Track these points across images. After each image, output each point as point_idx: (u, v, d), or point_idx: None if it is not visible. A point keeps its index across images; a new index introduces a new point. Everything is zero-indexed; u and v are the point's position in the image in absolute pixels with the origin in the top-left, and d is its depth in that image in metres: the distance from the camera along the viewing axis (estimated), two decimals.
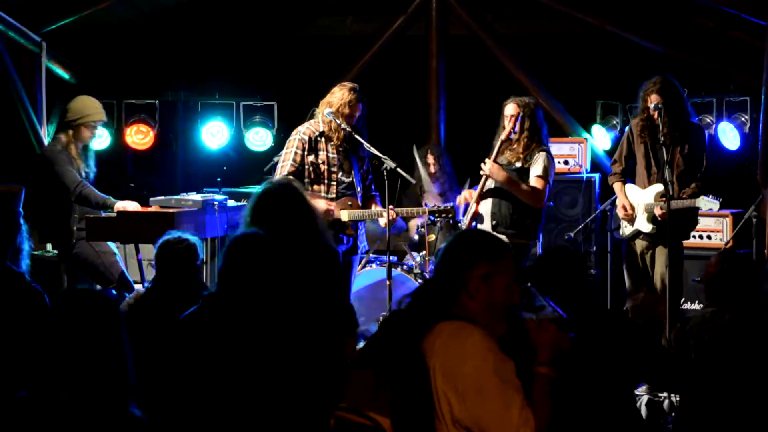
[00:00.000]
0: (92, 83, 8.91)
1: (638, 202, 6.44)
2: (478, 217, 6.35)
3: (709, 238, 7.85)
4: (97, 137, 6.87)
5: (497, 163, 6.31)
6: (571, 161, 8.49)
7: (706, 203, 6.15)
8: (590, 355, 3.86)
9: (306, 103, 7.15)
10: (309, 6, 9.65)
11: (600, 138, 8.97)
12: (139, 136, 8.83)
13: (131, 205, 6.50)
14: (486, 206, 6.33)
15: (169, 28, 8.96)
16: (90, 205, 6.48)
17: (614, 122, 9.01)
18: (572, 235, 7.64)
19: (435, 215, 6.47)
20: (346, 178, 6.20)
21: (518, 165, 6.29)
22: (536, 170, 6.26)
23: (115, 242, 6.71)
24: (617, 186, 6.58)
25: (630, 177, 6.59)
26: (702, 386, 4.12)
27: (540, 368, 2.96)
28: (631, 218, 6.44)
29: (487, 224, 6.28)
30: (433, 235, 7.59)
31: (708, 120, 8.30)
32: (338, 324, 4.19)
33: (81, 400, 2.94)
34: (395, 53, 9.44)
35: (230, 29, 9.53)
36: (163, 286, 4.94)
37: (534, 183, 6.25)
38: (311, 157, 6.12)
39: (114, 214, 6.39)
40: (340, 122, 6.09)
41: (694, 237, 7.41)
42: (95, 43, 8.89)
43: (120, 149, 8.97)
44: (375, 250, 7.63)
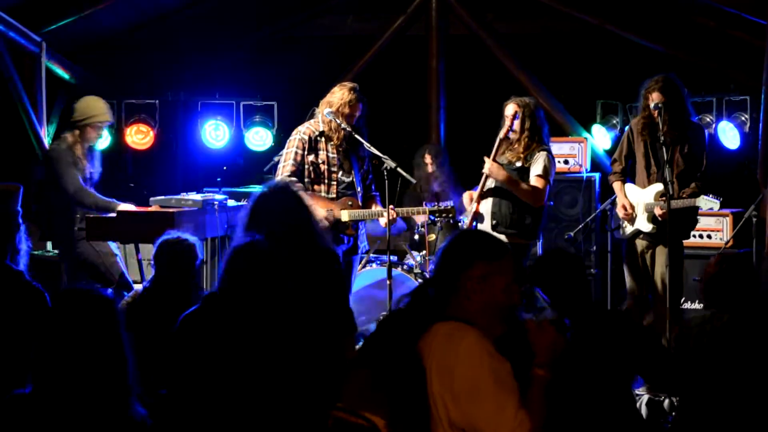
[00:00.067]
0: (92, 83, 8.91)
1: (638, 201, 6.44)
2: (478, 216, 6.35)
3: (709, 237, 7.85)
4: (102, 138, 6.85)
5: (497, 162, 6.31)
6: (571, 161, 8.49)
7: (707, 203, 6.15)
8: (589, 356, 3.86)
9: (306, 103, 7.15)
10: (309, 6, 9.64)
11: (600, 137, 8.97)
12: (139, 136, 8.84)
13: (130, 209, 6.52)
14: (486, 206, 6.32)
15: (169, 27, 8.95)
16: (91, 209, 6.47)
17: (614, 122, 9.01)
18: (572, 234, 7.64)
19: (435, 215, 6.47)
20: (346, 177, 6.19)
21: (519, 164, 6.29)
22: (536, 170, 6.25)
23: (115, 242, 6.71)
24: (617, 185, 6.58)
25: (630, 176, 6.59)
26: (702, 388, 4.12)
27: (537, 370, 2.95)
28: (631, 218, 6.44)
29: (488, 224, 6.28)
30: (434, 235, 7.59)
31: (708, 119, 8.30)
32: (337, 326, 4.19)
33: (82, 398, 2.94)
34: (395, 53, 9.44)
35: (230, 29, 9.53)
36: (161, 286, 4.94)
37: (534, 182, 6.24)
38: (311, 157, 6.11)
39: (114, 214, 6.40)
40: (340, 122, 6.09)
41: (695, 236, 7.41)
42: (95, 43, 8.89)
43: (120, 149, 8.97)
44: (375, 250, 7.63)
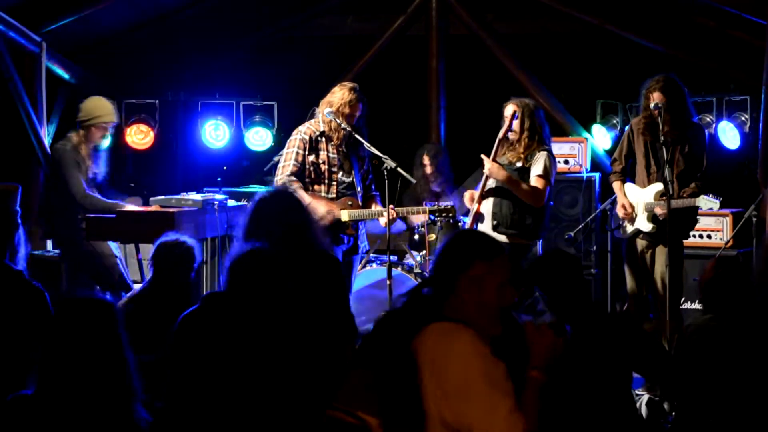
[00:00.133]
0: (92, 83, 8.91)
1: (638, 201, 6.44)
2: (479, 216, 6.35)
3: (709, 237, 7.84)
4: (107, 138, 6.82)
5: (497, 162, 6.31)
6: (572, 161, 8.49)
7: (706, 202, 6.14)
8: (588, 357, 3.86)
9: (306, 103, 7.16)
10: (309, 6, 9.64)
11: (600, 137, 8.96)
12: (139, 136, 8.83)
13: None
14: (487, 206, 6.32)
15: (169, 27, 8.95)
16: (96, 212, 6.47)
17: (614, 122, 9.01)
18: (572, 234, 7.64)
19: (435, 215, 6.47)
20: (346, 177, 6.20)
21: (519, 165, 6.29)
22: (537, 170, 6.25)
23: (115, 242, 6.71)
24: (617, 185, 6.57)
25: (630, 176, 6.59)
26: (701, 391, 4.12)
27: (532, 372, 2.95)
28: (631, 217, 6.44)
29: (488, 224, 6.28)
30: (434, 235, 7.58)
31: (708, 119, 8.29)
32: (337, 330, 4.17)
33: (85, 404, 2.95)
34: (395, 53, 9.44)
35: (230, 29, 9.53)
36: (159, 288, 4.94)
37: (534, 183, 6.24)
38: (312, 157, 6.12)
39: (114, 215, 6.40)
40: (341, 122, 6.09)
41: (694, 236, 7.41)
42: (95, 43, 8.89)
43: (120, 149, 8.97)
44: (375, 250, 7.63)
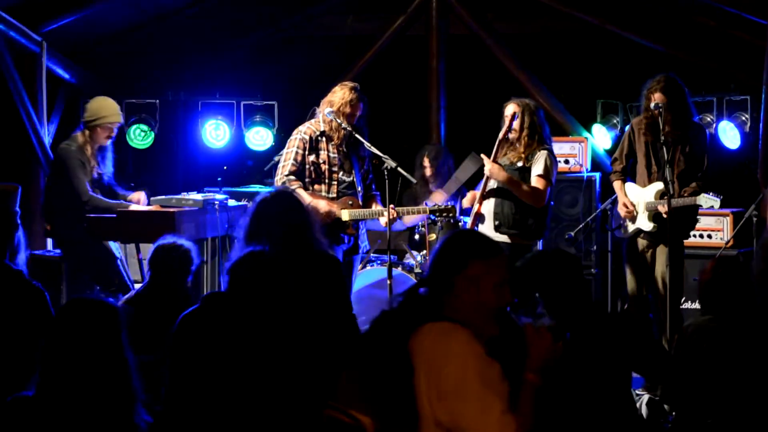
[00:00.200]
0: (92, 83, 8.91)
1: (638, 200, 6.44)
2: (480, 217, 6.34)
3: (709, 237, 7.84)
4: (112, 139, 6.81)
5: (497, 163, 6.31)
6: (572, 160, 8.48)
7: (707, 200, 6.14)
8: (588, 358, 3.86)
9: (306, 102, 7.15)
10: (309, 6, 9.64)
11: (600, 137, 8.96)
12: (140, 136, 8.83)
13: (142, 199, 6.56)
14: (489, 206, 6.32)
15: (169, 27, 8.95)
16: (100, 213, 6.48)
17: (615, 121, 9.01)
18: (572, 234, 7.64)
19: (436, 214, 6.47)
20: (346, 177, 6.20)
21: (520, 164, 6.28)
22: (537, 169, 6.25)
23: (115, 242, 6.71)
24: (617, 185, 6.57)
25: (630, 176, 6.59)
26: (701, 392, 4.12)
27: (528, 375, 2.96)
28: (632, 217, 6.43)
29: (490, 224, 6.27)
30: (434, 235, 7.58)
31: (708, 119, 8.29)
32: (339, 330, 4.17)
33: (86, 406, 2.95)
34: (395, 53, 9.44)
35: (230, 29, 9.53)
36: (156, 291, 4.94)
37: (535, 183, 6.24)
38: (312, 157, 6.12)
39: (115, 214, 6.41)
40: (341, 122, 6.09)
41: (695, 236, 7.40)
42: (95, 43, 8.89)
43: (120, 148, 8.96)
44: (375, 250, 7.62)
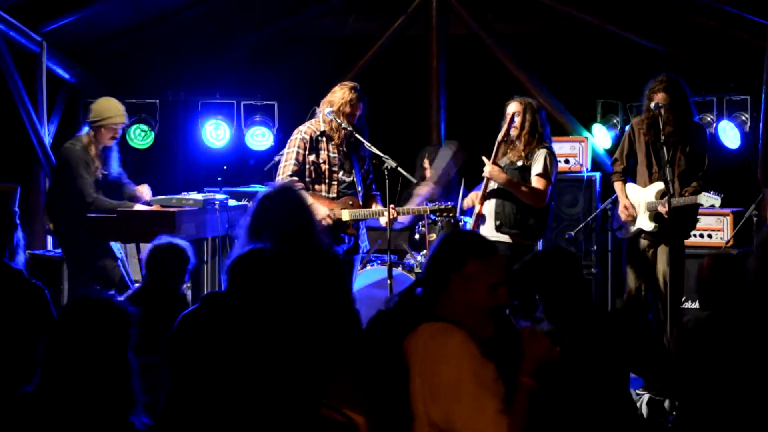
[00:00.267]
0: (92, 83, 8.91)
1: (639, 200, 6.43)
2: (481, 217, 6.34)
3: (710, 237, 7.84)
4: (116, 139, 6.81)
5: (497, 164, 6.31)
6: (572, 160, 8.49)
7: (708, 199, 6.14)
8: (587, 358, 3.86)
9: (306, 102, 7.15)
10: (309, 6, 9.64)
11: (600, 137, 8.97)
12: (140, 136, 8.83)
13: (146, 191, 6.56)
14: (490, 206, 6.31)
15: (169, 27, 8.95)
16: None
17: (615, 121, 9.01)
18: (573, 234, 7.64)
19: (436, 214, 6.47)
20: (347, 177, 6.20)
21: (520, 164, 6.28)
22: (537, 168, 6.24)
23: (116, 242, 6.71)
24: (618, 185, 6.57)
25: (631, 176, 6.59)
26: (701, 389, 4.12)
27: (524, 378, 2.97)
28: (633, 218, 6.43)
29: (491, 224, 6.27)
30: (434, 234, 7.57)
31: (708, 119, 8.30)
32: (341, 328, 4.16)
33: (87, 404, 2.95)
34: (396, 53, 9.44)
35: (230, 29, 9.53)
36: (151, 291, 4.94)
37: (535, 182, 6.23)
38: (312, 157, 6.12)
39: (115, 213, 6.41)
40: (341, 121, 6.09)
41: (695, 236, 7.40)
42: (95, 43, 8.89)
43: (120, 148, 8.95)
44: (375, 250, 7.62)
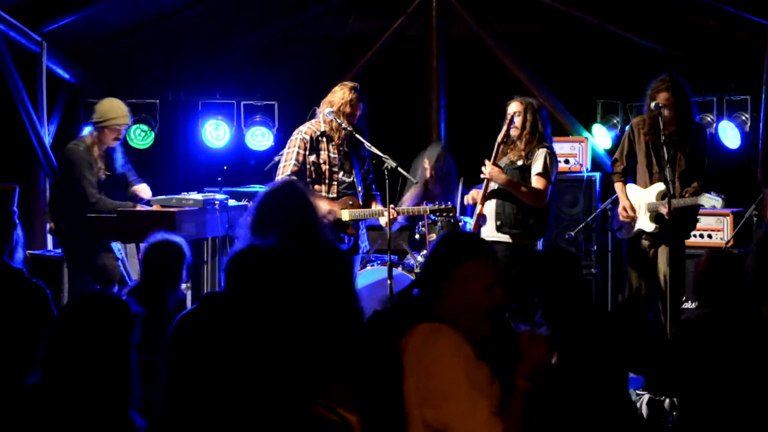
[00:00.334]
0: (92, 83, 8.91)
1: (640, 201, 6.43)
2: (482, 218, 6.34)
3: (710, 237, 7.83)
4: (120, 140, 6.81)
5: (497, 165, 6.30)
6: (572, 160, 8.48)
7: (709, 200, 6.13)
8: (585, 359, 3.86)
9: (307, 102, 7.15)
10: (309, 6, 9.65)
11: (600, 137, 8.97)
12: (140, 136, 8.84)
13: (145, 190, 6.55)
14: (490, 206, 6.31)
15: (169, 27, 8.95)
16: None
17: (615, 121, 9.01)
18: (573, 234, 7.64)
19: (436, 214, 6.47)
20: (347, 177, 6.20)
21: (520, 163, 6.28)
22: (536, 168, 6.24)
23: (116, 241, 6.71)
24: (618, 186, 6.56)
25: (630, 176, 6.59)
26: (700, 386, 4.12)
27: (520, 381, 2.97)
28: (633, 219, 6.42)
29: (492, 224, 6.27)
30: (434, 234, 7.57)
31: (709, 119, 8.30)
32: (344, 326, 4.16)
33: (87, 400, 2.95)
34: (396, 53, 9.44)
35: (230, 29, 9.53)
36: (148, 288, 4.94)
37: (535, 182, 6.23)
38: (312, 157, 6.12)
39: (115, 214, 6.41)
40: (341, 122, 6.09)
41: (695, 236, 7.40)
42: (95, 43, 8.89)
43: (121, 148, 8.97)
44: (375, 250, 7.62)
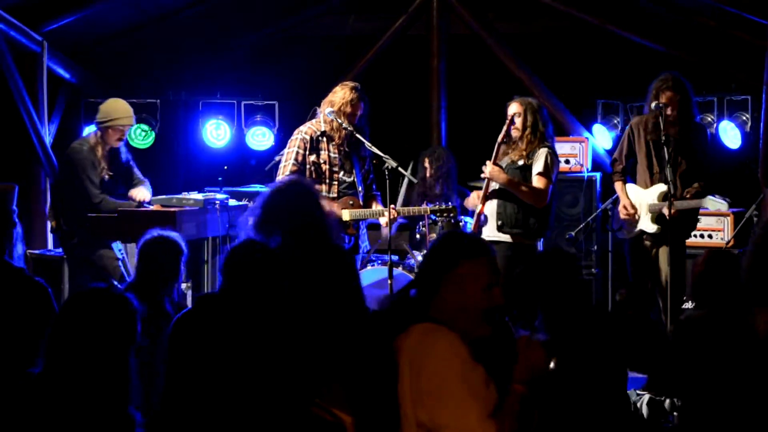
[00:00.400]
0: (93, 83, 8.91)
1: (641, 202, 6.43)
2: (482, 217, 6.34)
3: (710, 237, 7.83)
4: (123, 140, 6.81)
5: (497, 165, 6.30)
6: (572, 160, 8.49)
7: (713, 203, 6.11)
8: (584, 359, 3.86)
9: (307, 102, 7.16)
10: (309, 6, 9.65)
11: (600, 137, 8.97)
12: (141, 136, 8.84)
13: (142, 193, 6.54)
14: (491, 206, 6.31)
15: (170, 27, 8.95)
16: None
17: (615, 121, 9.01)
18: (573, 234, 7.64)
19: (436, 214, 6.47)
20: (347, 177, 6.20)
21: (521, 163, 6.28)
22: (537, 167, 6.24)
23: (116, 241, 6.71)
24: (619, 186, 6.56)
25: (630, 175, 6.59)
26: (700, 387, 4.12)
27: (516, 385, 2.97)
28: (634, 219, 6.42)
29: (493, 224, 6.27)
30: (434, 235, 7.57)
31: (709, 119, 8.30)
32: (350, 324, 4.16)
33: (87, 396, 2.96)
34: (396, 53, 9.45)
35: (230, 29, 9.53)
36: (143, 287, 4.94)
37: (535, 182, 6.23)
38: (313, 157, 6.12)
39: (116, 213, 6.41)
40: (342, 121, 6.09)
41: (695, 236, 7.40)
42: (96, 43, 8.89)
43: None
44: (376, 250, 7.62)
